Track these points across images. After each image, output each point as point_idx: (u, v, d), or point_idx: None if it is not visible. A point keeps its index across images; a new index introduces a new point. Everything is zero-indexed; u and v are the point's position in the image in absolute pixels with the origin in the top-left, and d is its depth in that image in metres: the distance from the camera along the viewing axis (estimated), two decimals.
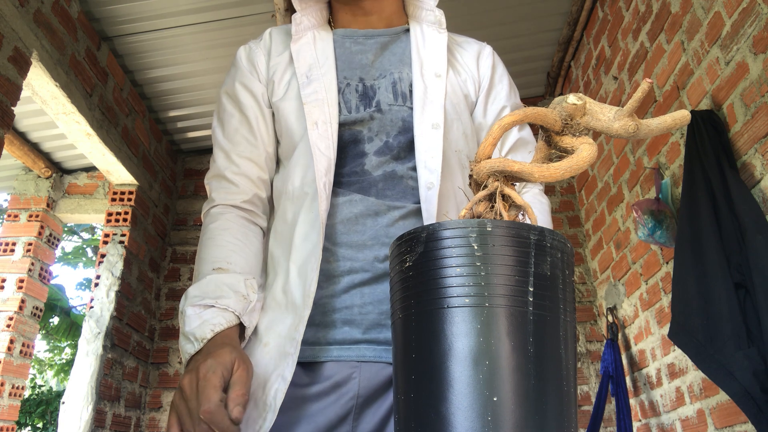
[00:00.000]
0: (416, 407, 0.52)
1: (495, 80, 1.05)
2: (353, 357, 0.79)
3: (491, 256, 0.52)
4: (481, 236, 0.53)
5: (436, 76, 0.97)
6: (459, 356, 0.50)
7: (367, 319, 0.81)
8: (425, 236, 0.55)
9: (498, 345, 0.50)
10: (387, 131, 0.92)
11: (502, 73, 1.07)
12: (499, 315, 0.51)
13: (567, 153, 0.61)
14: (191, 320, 0.78)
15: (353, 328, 0.81)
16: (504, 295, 0.51)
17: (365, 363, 0.79)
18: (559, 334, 0.53)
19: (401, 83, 0.97)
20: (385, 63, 1.00)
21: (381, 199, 0.88)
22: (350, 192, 0.89)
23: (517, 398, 0.49)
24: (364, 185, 0.89)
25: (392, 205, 0.88)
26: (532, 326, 0.51)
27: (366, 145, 0.92)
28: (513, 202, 0.60)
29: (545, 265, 0.53)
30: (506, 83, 1.06)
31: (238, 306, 0.80)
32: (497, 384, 0.49)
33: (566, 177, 0.59)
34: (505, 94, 1.04)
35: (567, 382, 0.53)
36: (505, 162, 0.60)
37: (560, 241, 0.55)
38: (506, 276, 0.52)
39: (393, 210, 0.87)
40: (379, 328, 0.81)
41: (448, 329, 0.51)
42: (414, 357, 0.53)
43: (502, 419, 0.49)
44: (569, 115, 0.61)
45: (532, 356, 0.51)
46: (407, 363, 0.54)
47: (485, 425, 0.48)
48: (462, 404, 0.49)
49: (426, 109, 0.93)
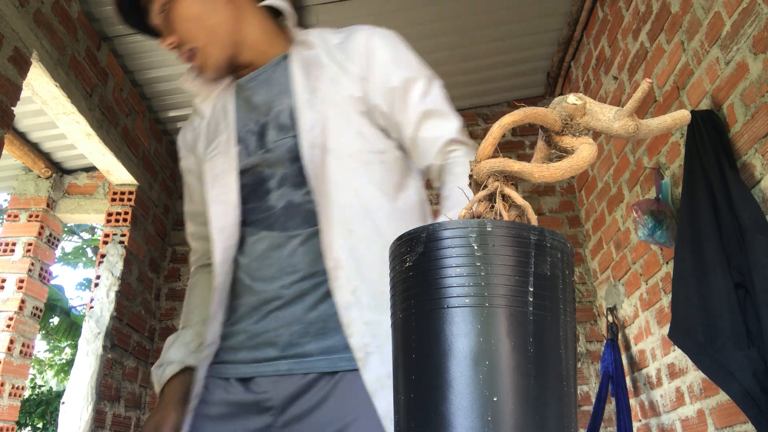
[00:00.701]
0: (416, 407, 0.52)
1: (374, 65, 1.02)
2: (272, 372, 0.91)
3: (491, 256, 0.52)
4: (481, 236, 0.53)
5: (311, 94, 0.99)
6: (459, 356, 0.50)
7: (282, 339, 0.91)
8: (425, 236, 0.55)
9: (498, 345, 0.50)
10: (283, 164, 0.99)
11: (378, 52, 1.03)
12: (499, 315, 0.51)
13: (567, 153, 0.61)
14: (153, 379, 1.04)
15: (272, 348, 0.92)
16: (504, 295, 0.51)
17: (282, 376, 0.90)
18: (559, 334, 0.53)
19: (282, 114, 1.01)
20: (271, 98, 1.04)
21: (283, 231, 0.96)
22: (259, 230, 0.98)
23: (517, 398, 0.49)
24: (270, 221, 0.98)
25: (292, 234, 0.95)
26: (532, 326, 0.52)
27: (269, 182, 0.99)
28: (513, 202, 0.60)
29: (545, 265, 0.53)
30: (385, 61, 1.02)
31: (178, 355, 1.04)
32: (497, 384, 0.49)
33: (566, 177, 0.59)
34: (387, 74, 1.01)
35: (567, 382, 0.53)
36: (505, 162, 0.60)
37: (560, 241, 0.55)
38: (506, 276, 0.52)
39: (292, 239, 0.95)
40: (293, 346, 0.91)
41: (448, 329, 0.51)
42: (414, 357, 0.53)
43: (502, 419, 0.49)
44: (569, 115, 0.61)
45: (532, 356, 0.51)
46: (407, 363, 0.54)
47: (485, 425, 0.48)
48: (462, 404, 0.49)
49: (306, 134, 0.96)
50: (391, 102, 1.01)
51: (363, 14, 2.85)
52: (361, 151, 0.97)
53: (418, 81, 1.03)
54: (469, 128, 3.60)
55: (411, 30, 2.97)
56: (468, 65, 3.28)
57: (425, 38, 3.04)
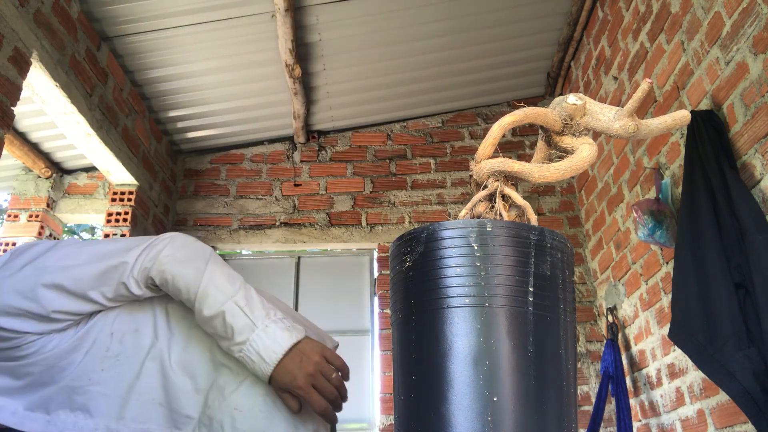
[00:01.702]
0: (416, 407, 0.52)
1: None
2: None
3: (491, 256, 0.52)
4: (481, 236, 0.52)
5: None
6: (459, 356, 0.50)
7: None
8: (425, 236, 0.55)
9: (498, 345, 0.50)
10: None
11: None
12: (499, 315, 0.51)
13: (567, 153, 0.61)
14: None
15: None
16: (504, 295, 0.51)
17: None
18: (559, 334, 0.53)
19: None
20: None
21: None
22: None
23: (517, 398, 0.49)
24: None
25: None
26: (532, 326, 0.51)
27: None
28: (513, 202, 0.60)
29: (545, 265, 0.53)
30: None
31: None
32: (497, 384, 0.49)
33: (566, 177, 0.59)
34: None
35: (567, 382, 0.53)
36: (505, 162, 0.60)
37: (560, 241, 0.55)
38: (506, 276, 0.52)
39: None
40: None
41: (448, 329, 0.51)
42: (414, 357, 0.53)
43: (502, 419, 0.49)
44: (569, 116, 0.61)
45: (532, 356, 0.51)
46: (407, 363, 0.54)
47: (485, 425, 0.48)
48: (462, 404, 0.49)
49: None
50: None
51: (363, 14, 2.85)
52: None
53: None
54: (470, 128, 3.60)
55: (411, 30, 2.97)
56: (468, 65, 3.28)
57: (425, 38, 3.04)
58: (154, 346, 0.93)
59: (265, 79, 3.13)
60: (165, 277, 0.91)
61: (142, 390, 0.90)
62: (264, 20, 2.74)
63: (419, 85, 3.36)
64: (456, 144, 3.56)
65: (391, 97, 3.42)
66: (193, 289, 0.90)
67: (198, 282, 0.90)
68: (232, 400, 0.90)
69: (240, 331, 0.89)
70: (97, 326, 0.92)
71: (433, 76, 3.31)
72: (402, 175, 3.49)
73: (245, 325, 0.89)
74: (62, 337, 0.89)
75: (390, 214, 3.38)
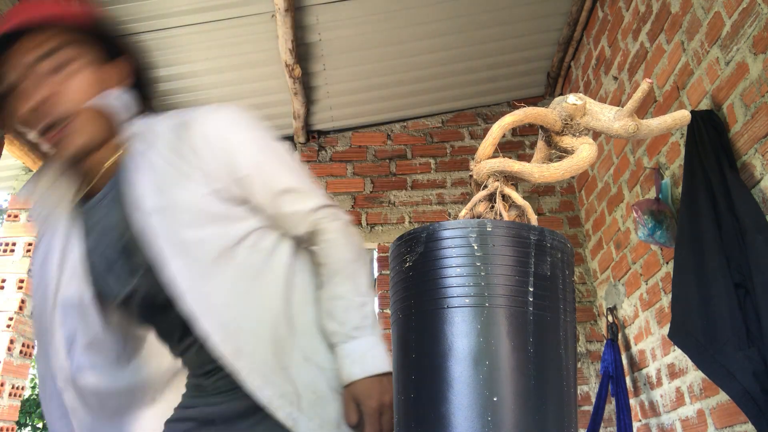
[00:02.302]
0: (416, 407, 0.52)
1: (217, 157, 0.92)
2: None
3: (491, 256, 0.52)
4: (481, 236, 0.53)
5: (149, 214, 0.88)
6: (459, 356, 0.50)
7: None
8: (425, 236, 0.55)
9: (498, 345, 0.50)
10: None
11: (216, 143, 0.92)
12: (499, 315, 0.51)
13: (567, 153, 0.61)
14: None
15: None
16: (504, 295, 0.51)
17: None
18: (559, 334, 0.53)
19: (109, 250, 0.94)
20: (100, 230, 0.95)
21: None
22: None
23: (517, 398, 0.49)
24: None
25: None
26: (532, 326, 0.52)
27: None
28: (513, 202, 0.60)
29: (545, 265, 0.53)
30: (228, 149, 0.92)
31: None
32: (497, 384, 0.49)
33: (566, 177, 0.59)
34: (234, 164, 0.92)
35: (567, 382, 0.53)
36: (505, 162, 0.60)
37: (560, 241, 0.55)
38: (506, 276, 0.52)
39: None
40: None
41: (448, 329, 0.51)
42: (414, 357, 0.53)
43: (502, 419, 0.49)
44: (569, 116, 0.61)
45: (532, 356, 0.51)
46: (407, 363, 0.54)
47: (485, 425, 0.48)
48: (462, 404, 0.49)
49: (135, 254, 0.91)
50: (246, 188, 0.93)
51: (363, 14, 2.85)
52: (212, 256, 0.88)
53: (268, 164, 0.96)
54: (469, 128, 3.60)
55: (411, 30, 2.97)
56: (468, 65, 3.28)
57: (425, 38, 3.04)
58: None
59: (265, 79, 3.12)
60: (327, 237, 0.94)
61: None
62: (264, 20, 2.74)
63: (419, 85, 3.36)
64: (456, 144, 3.56)
65: (391, 97, 3.42)
66: (344, 262, 0.94)
67: (355, 261, 0.95)
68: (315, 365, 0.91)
69: (357, 327, 0.91)
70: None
71: (433, 76, 3.31)
72: (402, 175, 3.49)
73: (365, 326, 0.91)
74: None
75: (390, 214, 3.38)
